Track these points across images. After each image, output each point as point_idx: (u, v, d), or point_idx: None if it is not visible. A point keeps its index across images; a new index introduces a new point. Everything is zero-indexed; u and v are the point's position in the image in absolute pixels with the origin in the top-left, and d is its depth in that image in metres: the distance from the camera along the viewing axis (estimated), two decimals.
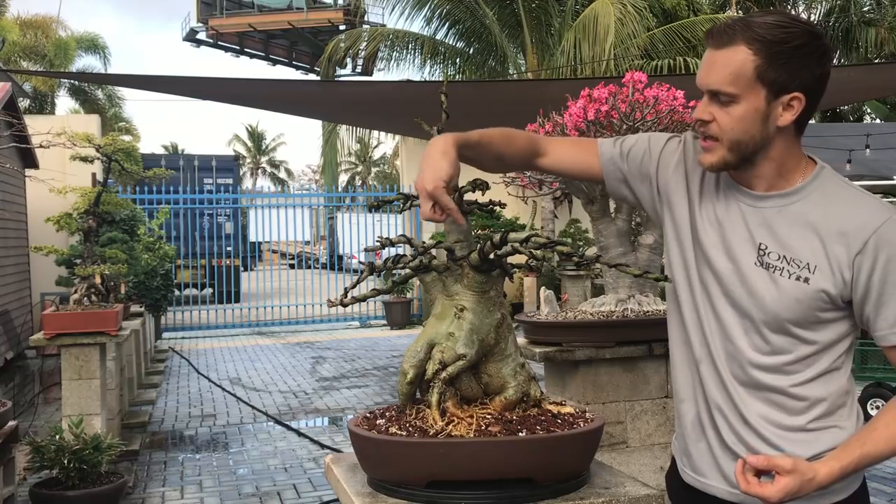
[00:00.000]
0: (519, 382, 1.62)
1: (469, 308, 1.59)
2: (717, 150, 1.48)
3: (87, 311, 5.11)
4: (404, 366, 1.60)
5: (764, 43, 1.40)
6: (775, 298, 1.47)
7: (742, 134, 1.45)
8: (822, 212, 1.47)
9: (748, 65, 1.41)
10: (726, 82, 1.42)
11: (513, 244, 1.52)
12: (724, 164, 1.49)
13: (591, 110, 3.02)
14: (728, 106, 1.44)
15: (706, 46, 1.48)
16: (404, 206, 1.73)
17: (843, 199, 1.47)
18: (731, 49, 1.42)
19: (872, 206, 1.46)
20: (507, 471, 1.46)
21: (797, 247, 1.47)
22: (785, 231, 1.48)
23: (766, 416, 1.52)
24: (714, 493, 1.60)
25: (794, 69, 1.41)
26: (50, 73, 20.30)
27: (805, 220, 1.47)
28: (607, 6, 13.25)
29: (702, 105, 1.48)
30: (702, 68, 1.48)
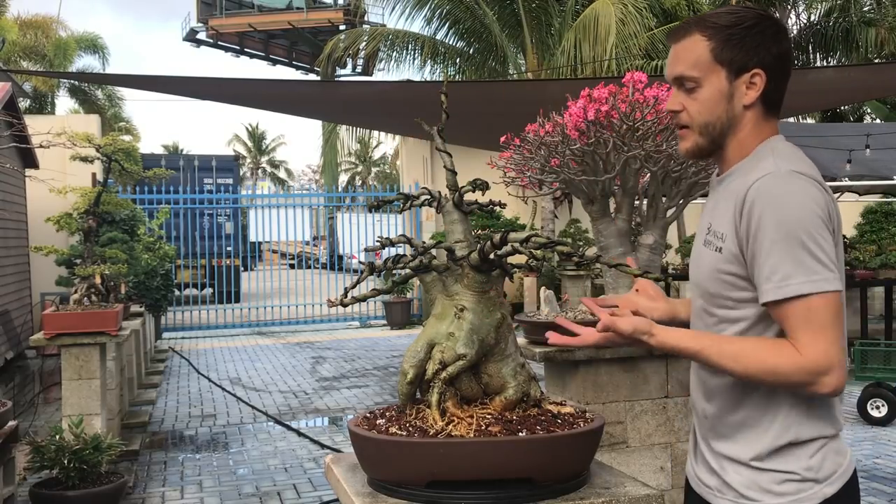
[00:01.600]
0: (519, 382, 1.62)
1: (469, 308, 1.59)
2: (689, 136, 1.56)
3: (87, 311, 5.11)
4: (404, 366, 1.60)
5: (716, 28, 1.50)
6: (702, 271, 1.56)
7: (709, 115, 1.53)
8: (740, 181, 1.51)
9: (704, 49, 1.51)
10: (687, 67, 1.52)
11: (513, 244, 1.52)
12: (697, 148, 1.56)
13: (591, 110, 3.02)
14: (694, 92, 1.53)
15: (669, 46, 1.58)
16: (404, 206, 1.73)
17: (746, 168, 1.53)
18: (687, 39, 1.53)
19: (756, 169, 1.50)
20: (507, 471, 1.46)
21: (720, 218, 1.53)
22: (721, 206, 1.55)
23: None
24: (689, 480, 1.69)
25: (750, 48, 1.50)
26: (50, 74, 20.30)
27: (731, 192, 1.52)
28: (608, 6, 13.24)
29: (672, 97, 1.57)
30: (668, 63, 1.58)
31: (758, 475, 1.50)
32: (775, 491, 1.48)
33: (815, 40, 17.76)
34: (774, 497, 1.47)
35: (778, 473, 1.48)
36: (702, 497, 1.61)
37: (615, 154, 3.08)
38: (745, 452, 1.51)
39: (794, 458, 1.48)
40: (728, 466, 1.53)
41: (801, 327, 1.41)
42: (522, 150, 3.35)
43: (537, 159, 3.28)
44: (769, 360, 1.42)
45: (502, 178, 3.45)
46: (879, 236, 10.63)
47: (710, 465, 1.58)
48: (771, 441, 1.49)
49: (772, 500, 1.48)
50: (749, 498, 1.50)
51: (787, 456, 1.48)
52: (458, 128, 7.73)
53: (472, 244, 1.64)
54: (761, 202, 1.43)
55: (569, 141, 3.12)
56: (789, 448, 1.48)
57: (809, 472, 1.48)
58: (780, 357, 1.42)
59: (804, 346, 1.40)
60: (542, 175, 3.28)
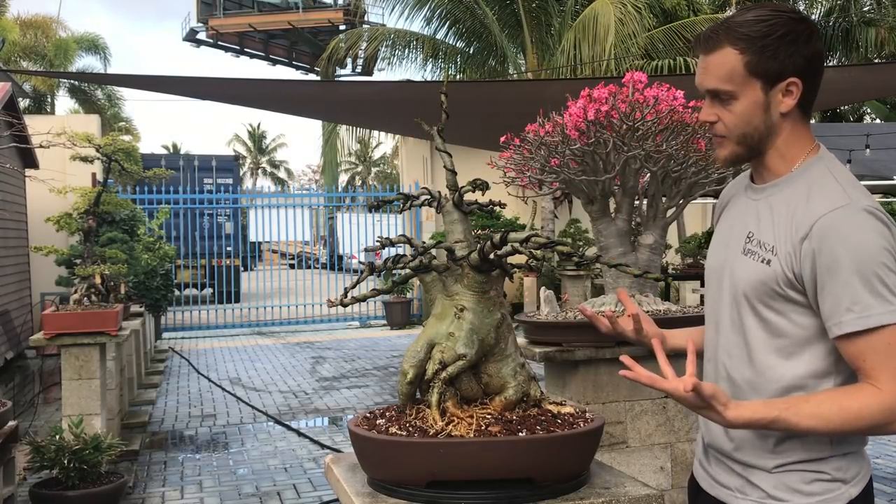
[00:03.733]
0: (519, 382, 1.62)
1: (469, 308, 1.59)
2: (726, 145, 1.55)
3: (87, 311, 5.11)
4: (404, 366, 1.60)
5: (748, 40, 1.47)
6: (744, 280, 1.51)
7: (746, 126, 1.51)
8: (795, 198, 1.50)
9: (738, 63, 1.47)
10: (722, 82, 1.49)
11: (513, 244, 1.52)
12: (735, 157, 1.56)
13: (591, 110, 3.02)
14: (729, 104, 1.51)
15: (696, 53, 1.56)
16: (404, 206, 1.73)
17: (816, 186, 1.50)
18: (719, 52, 1.49)
19: (833, 194, 1.47)
20: (507, 471, 1.46)
21: (768, 230, 1.51)
22: (766, 217, 1.53)
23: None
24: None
25: (784, 57, 1.47)
26: (50, 74, 20.30)
27: (784, 206, 1.50)
28: (607, 6, 13.24)
29: (705, 108, 1.55)
30: (698, 73, 1.54)
31: (787, 475, 1.49)
32: (804, 491, 1.48)
33: None
34: (803, 497, 1.48)
35: (808, 473, 1.48)
36: (716, 498, 1.60)
37: (615, 154, 3.08)
38: (773, 460, 1.51)
39: (824, 465, 1.49)
40: (752, 472, 1.54)
41: (884, 362, 1.37)
42: (522, 150, 3.35)
43: (537, 159, 3.28)
44: (852, 406, 1.38)
45: (502, 178, 3.45)
46: None
47: (729, 466, 1.58)
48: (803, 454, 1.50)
49: (801, 500, 1.48)
50: (777, 498, 1.50)
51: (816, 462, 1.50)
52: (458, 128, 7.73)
53: (472, 244, 1.64)
54: (836, 237, 1.41)
55: (569, 141, 3.12)
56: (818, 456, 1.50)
57: (839, 472, 1.49)
58: (862, 400, 1.38)
59: (885, 382, 1.37)
60: (542, 175, 3.28)
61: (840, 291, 1.40)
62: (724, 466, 1.60)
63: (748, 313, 1.52)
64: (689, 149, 3.11)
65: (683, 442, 3.44)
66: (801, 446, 1.48)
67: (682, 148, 3.10)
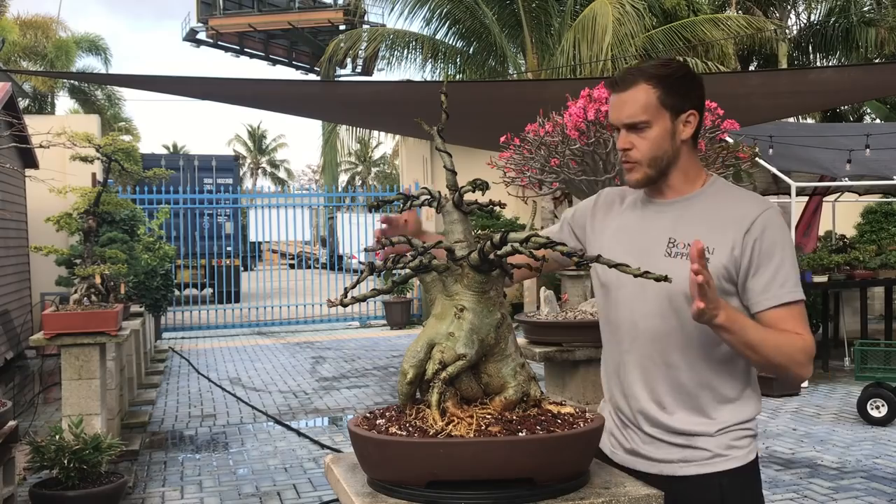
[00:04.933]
0: (519, 382, 1.62)
1: (469, 308, 1.59)
2: (639, 169, 1.84)
3: (87, 311, 5.11)
4: (404, 366, 1.60)
5: (659, 78, 1.81)
6: (684, 277, 1.68)
7: (658, 150, 1.83)
8: (719, 206, 1.84)
9: (652, 97, 1.80)
10: (639, 113, 1.80)
11: (513, 244, 1.52)
12: (646, 178, 1.86)
13: (591, 110, 3.02)
14: (644, 132, 1.81)
15: (610, 92, 1.85)
16: (404, 206, 1.72)
17: (735, 196, 1.87)
18: (634, 89, 1.81)
19: (756, 199, 1.88)
20: (507, 471, 1.46)
21: (698, 234, 1.72)
22: (689, 224, 1.83)
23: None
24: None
25: (685, 93, 1.83)
26: (50, 74, 20.30)
27: (706, 214, 1.84)
28: (606, 6, 13.24)
29: (621, 138, 1.83)
30: (613, 109, 1.84)
31: (726, 436, 1.84)
32: (738, 445, 1.85)
33: (815, 40, 17.76)
34: (738, 450, 1.85)
35: (740, 431, 1.86)
36: (651, 474, 1.82)
37: (615, 154, 3.08)
38: (714, 426, 1.84)
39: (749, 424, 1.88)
40: (697, 438, 1.83)
41: (802, 323, 1.78)
42: (522, 150, 3.35)
43: (537, 159, 3.28)
44: (782, 339, 1.75)
45: (502, 178, 3.45)
46: (879, 236, 10.63)
47: (668, 441, 1.85)
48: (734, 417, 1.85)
49: (737, 453, 1.84)
50: (721, 455, 1.83)
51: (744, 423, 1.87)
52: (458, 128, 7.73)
53: (472, 244, 1.64)
54: (772, 230, 1.79)
55: (569, 141, 3.12)
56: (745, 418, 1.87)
57: (754, 429, 1.89)
58: (791, 337, 1.76)
59: (804, 332, 1.77)
60: (542, 175, 3.29)
61: (774, 272, 1.77)
62: (661, 443, 1.86)
63: (687, 307, 1.72)
64: None
65: None
66: (732, 410, 1.84)
67: None
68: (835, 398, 7.67)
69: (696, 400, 1.83)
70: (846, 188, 11.33)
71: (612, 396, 1.95)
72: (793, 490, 5.03)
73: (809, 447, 6.00)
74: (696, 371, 1.82)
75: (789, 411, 7.18)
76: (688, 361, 1.82)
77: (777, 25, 17.30)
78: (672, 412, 1.84)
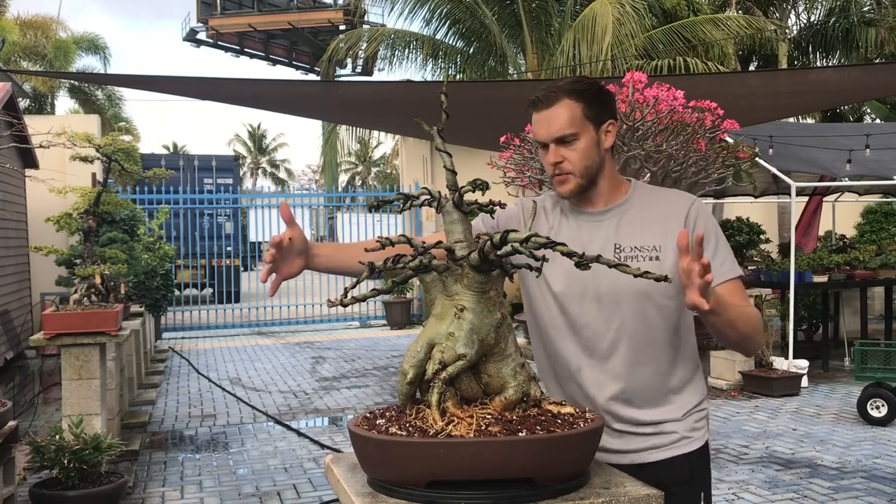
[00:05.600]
0: (519, 382, 1.62)
1: (469, 308, 1.59)
2: (571, 180, 1.94)
3: (87, 311, 5.11)
4: (404, 366, 1.60)
5: (580, 93, 1.92)
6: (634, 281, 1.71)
7: (587, 160, 1.93)
8: (650, 207, 1.98)
9: (576, 110, 1.91)
10: (567, 127, 1.90)
11: (513, 244, 1.52)
12: (579, 187, 1.95)
13: None
14: (573, 144, 1.92)
15: (533, 112, 1.94)
16: (404, 206, 1.72)
17: (661, 195, 2.03)
18: (558, 105, 1.91)
19: (681, 194, 2.05)
20: (507, 471, 1.46)
21: (643, 237, 1.93)
22: (630, 228, 1.95)
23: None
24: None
25: (603, 104, 1.95)
26: (50, 74, 20.30)
27: (642, 216, 1.96)
28: (606, 6, 13.24)
29: (551, 152, 1.92)
30: (540, 126, 1.93)
31: (690, 418, 2.00)
32: (698, 427, 2.00)
33: (815, 40, 17.76)
34: (698, 431, 2.00)
35: (700, 413, 2.02)
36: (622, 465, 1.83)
37: (615, 154, 3.08)
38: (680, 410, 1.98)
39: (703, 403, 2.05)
40: (664, 424, 1.95)
41: (745, 296, 1.95)
42: (522, 150, 3.35)
43: (537, 159, 3.28)
44: (750, 312, 1.88)
45: (502, 178, 3.45)
46: (879, 236, 10.63)
47: (634, 433, 1.95)
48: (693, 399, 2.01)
49: (697, 434, 1.99)
50: (687, 437, 1.98)
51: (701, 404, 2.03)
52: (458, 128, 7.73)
53: (472, 244, 1.64)
54: (703, 219, 1.95)
55: None
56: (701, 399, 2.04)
57: (707, 407, 2.07)
58: (755, 313, 1.91)
59: (752, 306, 1.91)
60: (542, 175, 3.29)
61: (713, 254, 1.90)
62: (630, 436, 1.95)
63: (649, 304, 1.90)
64: (689, 149, 3.11)
65: None
66: (691, 392, 1.99)
67: (682, 148, 3.10)
68: (835, 398, 7.67)
69: (660, 390, 1.95)
70: (846, 188, 11.33)
71: (571, 398, 1.98)
72: (793, 490, 5.03)
73: (809, 447, 6.00)
74: (657, 363, 1.94)
75: (789, 411, 7.18)
76: (649, 355, 1.93)
77: (777, 25, 17.29)
78: (640, 406, 1.94)
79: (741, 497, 4.92)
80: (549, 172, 1.98)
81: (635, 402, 1.94)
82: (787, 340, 8.43)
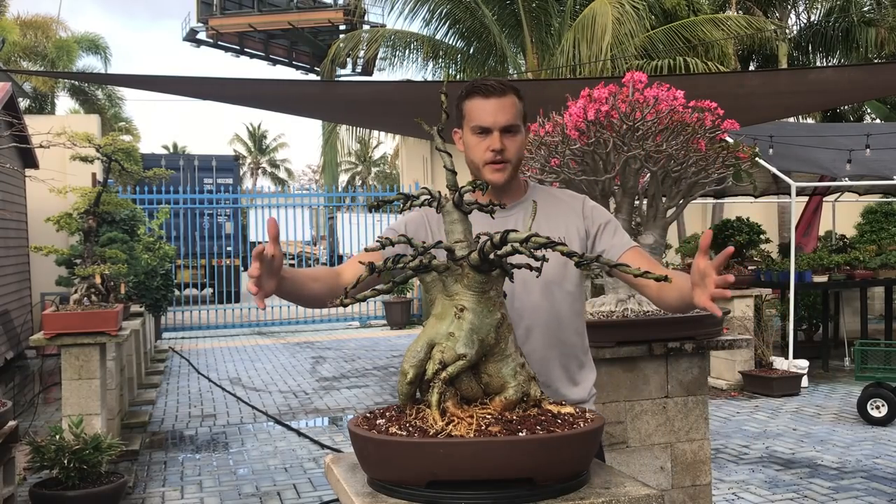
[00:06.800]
0: (519, 382, 1.62)
1: (469, 308, 1.59)
2: (507, 169, 2.07)
3: (87, 311, 5.11)
4: (404, 366, 1.60)
5: (518, 92, 2.09)
6: (550, 268, 1.95)
7: (521, 154, 2.12)
8: (550, 205, 2.15)
9: (519, 106, 2.08)
10: (514, 118, 2.06)
11: (513, 244, 1.52)
12: (509, 178, 2.09)
13: (592, 110, 3.02)
14: (515, 136, 2.07)
15: (480, 97, 2.05)
16: (404, 205, 1.72)
17: (556, 194, 2.24)
18: (507, 97, 2.06)
19: (571, 192, 2.29)
20: (507, 471, 1.46)
21: (549, 230, 2.06)
22: (536, 224, 2.00)
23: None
24: None
25: (525, 107, 2.11)
26: (50, 73, 20.29)
27: (545, 213, 2.10)
28: (605, 6, 13.24)
29: (496, 139, 2.04)
30: (487, 113, 2.04)
31: (591, 399, 2.20)
32: (595, 406, 2.21)
33: (815, 40, 17.74)
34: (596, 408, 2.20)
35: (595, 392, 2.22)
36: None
37: (615, 154, 3.08)
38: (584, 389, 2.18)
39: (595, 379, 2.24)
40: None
41: (650, 262, 2.09)
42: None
43: (537, 159, 3.28)
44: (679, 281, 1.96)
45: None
46: (879, 236, 10.62)
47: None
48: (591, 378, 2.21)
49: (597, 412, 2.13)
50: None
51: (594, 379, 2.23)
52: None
53: (472, 244, 1.64)
54: (597, 211, 2.19)
55: (569, 141, 3.12)
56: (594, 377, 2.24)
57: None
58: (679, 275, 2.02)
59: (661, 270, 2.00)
60: (542, 175, 3.28)
61: (613, 231, 2.16)
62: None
63: (557, 289, 2.08)
64: (689, 149, 3.11)
65: (683, 442, 3.44)
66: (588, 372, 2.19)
67: (682, 148, 3.10)
68: (835, 398, 7.67)
69: (570, 371, 2.14)
70: (846, 188, 11.33)
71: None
72: (793, 490, 5.03)
73: (809, 447, 6.00)
74: (569, 346, 2.13)
75: (789, 411, 7.18)
76: (562, 339, 2.11)
77: (777, 25, 17.29)
78: (556, 388, 2.09)
79: (741, 497, 4.92)
80: (482, 159, 2.06)
81: (552, 384, 2.09)
82: (788, 340, 8.43)
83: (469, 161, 2.12)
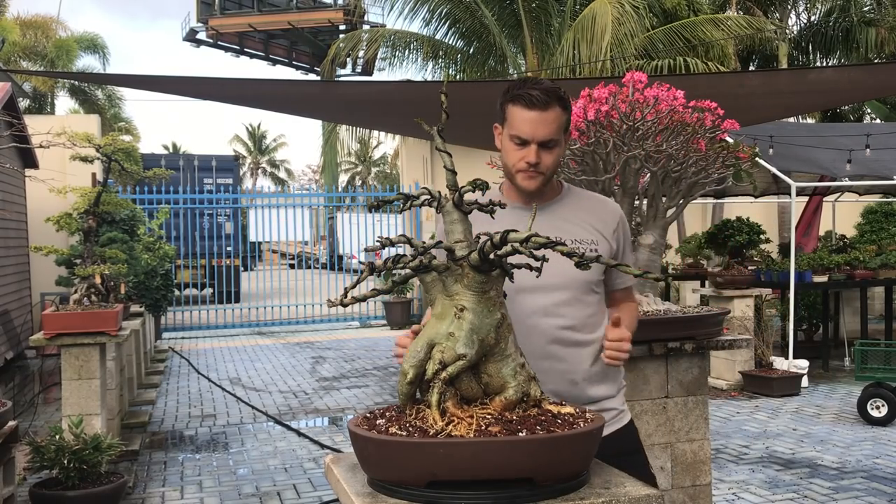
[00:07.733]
0: (519, 382, 1.62)
1: (469, 308, 1.59)
2: (539, 178, 2.07)
3: (87, 311, 5.11)
4: (404, 366, 1.60)
5: (565, 103, 2.05)
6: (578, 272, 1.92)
7: (557, 165, 2.12)
8: (585, 208, 2.18)
9: (561, 119, 2.04)
10: (554, 133, 2.03)
11: (513, 244, 1.52)
12: (543, 186, 2.10)
13: (592, 110, 3.02)
14: (553, 150, 2.05)
15: (524, 108, 2.01)
16: (404, 206, 1.72)
17: (594, 199, 2.26)
18: (550, 111, 2.01)
19: (607, 200, 2.29)
20: (507, 471, 1.46)
21: (579, 232, 2.13)
22: (566, 223, 2.13)
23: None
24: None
25: (569, 116, 2.09)
26: (50, 73, 20.29)
27: (576, 215, 2.15)
28: (605, 6, 13.24)
29: (532, 152, 2.03)
30: (530, 127, 2.01)
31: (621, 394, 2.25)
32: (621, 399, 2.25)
33: (815, 40, 17.75)
34: (625, 404, 2.26)
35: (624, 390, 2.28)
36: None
37: (615, 154, 3.09)
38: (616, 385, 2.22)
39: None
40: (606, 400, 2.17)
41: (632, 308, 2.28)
42: None
43: None
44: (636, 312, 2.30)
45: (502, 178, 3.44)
46: (879, 236, 10.63)
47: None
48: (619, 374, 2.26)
49: (627, 407, 2.28)
50: (623, 410, 2.24)
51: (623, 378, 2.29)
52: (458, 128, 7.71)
53: (472, 244, 1.64)
54: (625, 226, 2.23)
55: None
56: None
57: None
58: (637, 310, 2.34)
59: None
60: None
61: (630, 252, 2.25)
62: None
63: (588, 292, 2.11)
64: (689, 149, 3.11)
65: (683, 442, 3.44)
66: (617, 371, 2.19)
67: (682, 148, 3.10)
68: (835, 398, 7.67)
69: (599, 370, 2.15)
70: (846, 188, 11.33)
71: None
72: (793, 490, 5.03)
73: (809, 447, 6.00)
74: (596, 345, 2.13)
75: (789, 411, 7.18)
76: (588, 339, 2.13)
77: (777, 25, 17.29)
78: (584, 388, 2.11)
79: (741, 497, 4.92)
80: (516, 167, 2.07)
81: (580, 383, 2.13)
82: (788, 340, 8.43)
83: (503, 162, 2.14)
